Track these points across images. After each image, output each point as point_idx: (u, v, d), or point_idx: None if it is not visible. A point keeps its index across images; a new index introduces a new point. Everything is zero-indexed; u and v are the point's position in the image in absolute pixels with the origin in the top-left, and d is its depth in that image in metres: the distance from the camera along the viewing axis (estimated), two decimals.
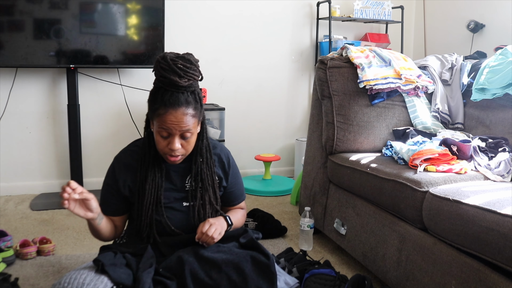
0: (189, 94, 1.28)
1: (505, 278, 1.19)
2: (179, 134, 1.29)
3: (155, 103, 1.28)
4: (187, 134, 1.29)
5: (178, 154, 1.32)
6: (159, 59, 1.28)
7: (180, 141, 1.30)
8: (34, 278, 1.77)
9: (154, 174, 1.38)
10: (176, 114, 1.25)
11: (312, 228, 2.07)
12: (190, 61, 1.29)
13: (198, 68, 1.32)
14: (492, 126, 2.02)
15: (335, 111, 2.08)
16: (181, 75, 1.26)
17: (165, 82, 1.27)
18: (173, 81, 1.25)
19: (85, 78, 2.94)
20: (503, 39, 2.92)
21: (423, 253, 1.48)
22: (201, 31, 3.21)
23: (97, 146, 3.02)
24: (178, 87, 1.27)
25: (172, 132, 1.27)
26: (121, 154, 1.44)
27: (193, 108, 1.29)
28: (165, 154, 1.33)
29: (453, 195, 1.39)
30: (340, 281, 1.59)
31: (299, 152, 3.27)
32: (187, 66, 1.27)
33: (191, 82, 1.29)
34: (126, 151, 1.44)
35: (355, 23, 3.61)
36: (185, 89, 1.28)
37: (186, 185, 1.43)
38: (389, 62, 2.17)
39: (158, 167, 1.40)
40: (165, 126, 1.26)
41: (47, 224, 2.39)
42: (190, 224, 1.42)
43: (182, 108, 1.26)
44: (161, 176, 1.40)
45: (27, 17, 2.56)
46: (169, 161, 1.35)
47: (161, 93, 1.28)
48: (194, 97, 1.30)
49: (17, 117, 2.89)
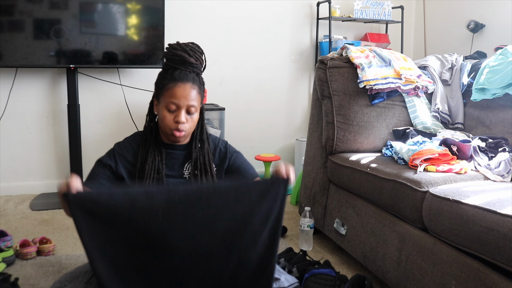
0: (195, 75, 1.39)
1: (505, 278, 1.19)
2: (186, 108, 1.36)
3: (164, 80, 1.37)
4: (192, 109, 1.37)
5: (183, 129, 1.37)
6: (170, 44, 1.42)
7: (186, 116, 1.37)
8: (34, 278, 1.77)
9: (154, 157, 1.41)
10: (185, 87, 1.35)
11: (312, 228, 2.07)
12: (198, 46, 1.43)
13: (204, 55, 1.44)
14: (492, 126, 2.02)
15: (335, 111, 2.08)
16: (190, 54, 1.38)
17: (175, 60, 1.37)
18: (183, 57, 1.37)
19: (85, 78, 2.94)
20: (503, 39, 2.92)
21: (423, 253, 1.48)
22: (201, 31, 3.21)
23: (97, 146, 3.02)
24: (187, 64, 1.37)
25: (180, 104, 1.35)
26: (123, 140, 1.47)
27: (198, 87, 1.39)
28: (171, 130, 1.37)
29: (453, 195, 1.39)
30: (340, 281, 1.59)
31: (299, 152, 3.27)
32: (195, 49, 1.41)
33: (198, 63, 1.40)
34: (128, 138, 1.48)
35: (355, 23, 3.61)
36: (192, 68, 1.38)
37: (184, 173, 1.45)
38: (389, 62, 2.17)
39: (158, 151, 1.43)
40: (174, 99, 1.34)
41: (47, 224, 2.39)
42: None
43: (190, 82, 1.36)
44: (161, 159, 1.42)
45: (27, 17, 2.56)
46: (173, 137, 1.38)
47: (170, 71, 1.38)
48: (199, 79, 1.41)
49: (17, 117, 2.89)
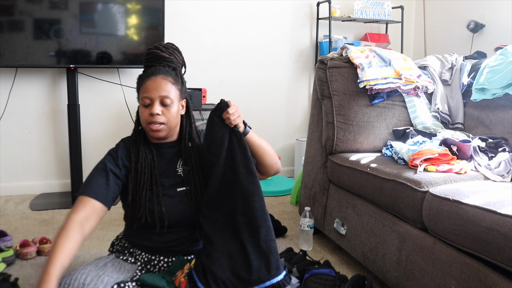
0: (170, 69, 1.41)
1: (505, 278, 1.19)
2: (159, 99, 1.37)
3: (140, 79, 1.41)
4: (166, 100, 1.37)
5: (158, 122, 1.37)
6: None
7: (161, 109, 1.37)
8: (34, 278, 1.77)
9: (146, 156, 1.43)
10: (156, 79, 1.38)
11: (312, 228, 2.07)
12: (173, 44, 1.46)
13: (181, 55, 1.47)
14: (492, 126, 2.02)
15: (335, 111, 2.08)
16: (163, 50, 1.42)
17: (149, 58, 1.42)
18: (155, 53, 1.41)
19: (85, 78, 2.94)
20: (503, 39, 2.92)
21: (423, 253, 1.48)
22: (201, 31, 3.21)
23: (97, 146, 3.02)
24: (160, 59, 1.40)
25: (152, 96, 1.37)
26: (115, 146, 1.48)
27: (172, 78, 1.40)
28: (148, 125, 1.38)
29: (453, 195, 1.39)
30: (340, 281, 1.59)
31: (299, 152, 3.27)
32: (168, 46, 1.45)
33: (172, 57, 1.42)
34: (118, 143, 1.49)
35: (355, 23, 3.62)
36: (166, 63, 1.41)
37: (177, 170, 1.46)
38: (389, 62, 2.17)
39: (149, 150, 1.45)
40: (146, 93, 1.37)
41: (47, 224, 2.39)
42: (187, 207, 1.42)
43: (161, 75, 1.38)
44: (153, 158, 1.43)
45: (27, 17, 2.56)
46: (152, 133, 1.39)
47: (145, 70, 1.42)
48: (175, 73, 1.42)
49: (17, 117, 2.89)
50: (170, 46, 1.45)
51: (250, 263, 1.30)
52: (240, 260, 1.32)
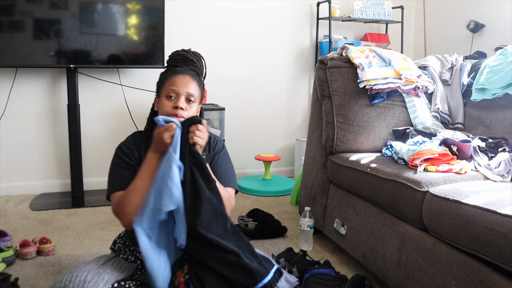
0: (195, 73, 1.47)
1: (505, 278, 1.19)
2: (186, 95, 1.41)
3: (166, 75, 1.45)
4: (191, 98, 1.42)
5: (181, 116, 1.39)
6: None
7: (185, 104, 1.41)
8: (34, 278, 1.77)
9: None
10: (185, 77, 1.43)
11: (312, 228, 2.07)
12: (199, 53, 1.54)
13: (204, 61, 1.54)
14: (492, 126, 2.02)
15: (335, 111, 2.08)
16: (191, 54, 1.50)
17: (177, 59, 1.48)
18: (184, 55, 1.48)
19: (85, 78, 2.94)
20: (503, 39, 2.92)
21: (423, 253, 1.48)
22: (201, 31, 3.21)
23: (97, 146, 3.02)
24: (188, 62, 1.47)
25: (180, 91, 1.41)
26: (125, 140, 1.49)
27: (198, 81, 1.46)
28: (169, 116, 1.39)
29: (453, 195, 1.39)
30: (340, 281, 1.59)
31: (299, 152, 3.27)
32: (196, 53, 1.53)
33: (198, 64, 1.49)
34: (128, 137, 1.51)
35: (355, 23, 3.62)
36: (193, 66, 1.47)
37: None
38: (389, 62, 2.17)
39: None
40: (173, 86, 1.41)
41: (47, 224, 2.39)
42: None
43: (189, 75, 1.44)
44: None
45: (27, 17, 2.56)
46: None
47: (172, 68, 1.46)
48: (199, 78, 1.48)
49: (17, 117, 2.89)
50: (197, 53, 1.53)
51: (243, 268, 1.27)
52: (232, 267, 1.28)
